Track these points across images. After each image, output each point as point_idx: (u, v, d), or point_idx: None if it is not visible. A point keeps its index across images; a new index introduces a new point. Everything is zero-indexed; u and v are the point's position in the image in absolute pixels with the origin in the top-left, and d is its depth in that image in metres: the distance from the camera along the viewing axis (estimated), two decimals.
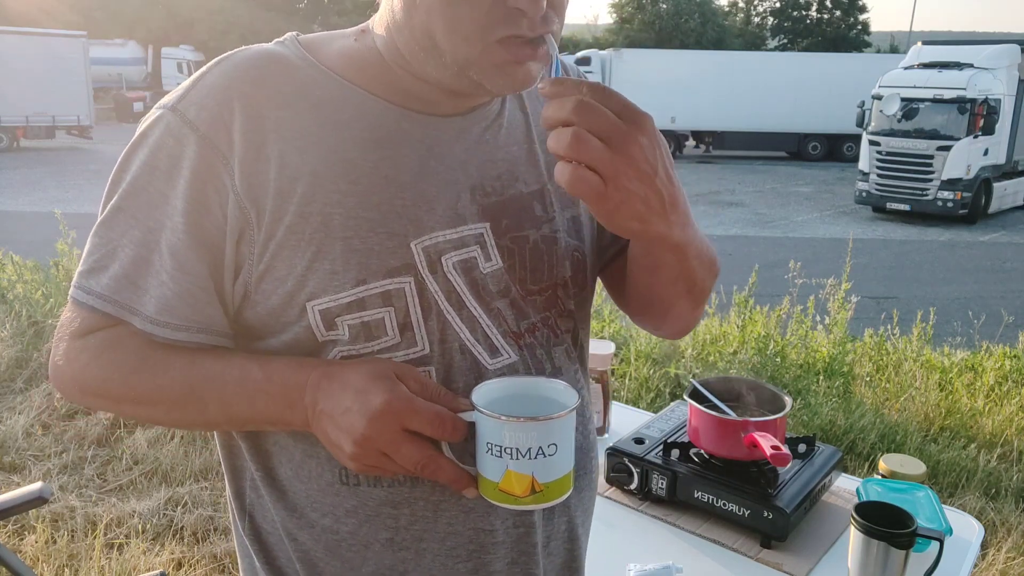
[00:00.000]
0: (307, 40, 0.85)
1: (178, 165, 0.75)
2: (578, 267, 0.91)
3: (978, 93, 12.78)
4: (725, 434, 1.47)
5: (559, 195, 0.89)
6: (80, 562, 2.69)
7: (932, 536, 1.24)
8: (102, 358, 0.78)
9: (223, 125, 0.75)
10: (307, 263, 0.76)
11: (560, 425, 0.71)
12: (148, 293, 0.77)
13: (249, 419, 0.79)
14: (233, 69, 0.78)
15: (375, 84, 0.81)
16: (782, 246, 10.39)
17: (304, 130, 0.77)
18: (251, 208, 0.75)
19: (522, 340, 0.85)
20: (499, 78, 0.75)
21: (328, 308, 0.76)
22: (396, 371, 0.73)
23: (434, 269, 0.80)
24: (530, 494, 0.71)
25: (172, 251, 0.76)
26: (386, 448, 0.71)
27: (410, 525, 0.81)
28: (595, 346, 1.87)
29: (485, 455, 0.72)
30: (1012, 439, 3.72)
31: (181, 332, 0.77)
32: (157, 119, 0.77)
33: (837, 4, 47.74)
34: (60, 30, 22.25)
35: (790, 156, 22.87)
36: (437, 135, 0.82)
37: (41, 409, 3.77)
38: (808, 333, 4.62)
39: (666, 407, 1.83)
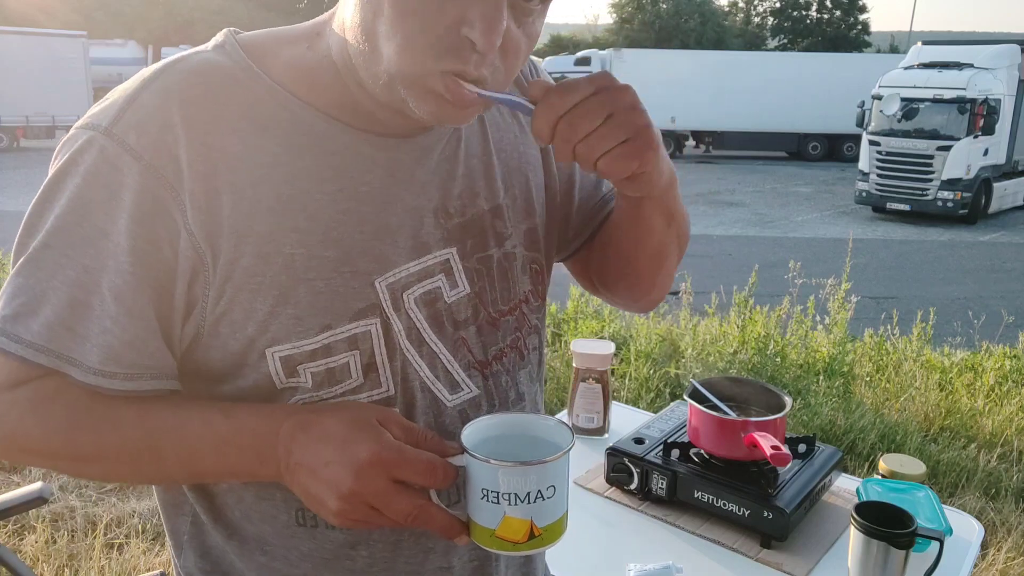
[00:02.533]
0: (251, 44, 0.75)
1: (117, 197, 0.67)
2: (537, 279, 0.88)
3: (978, 93, 12.79)
4: (725, 434, 1.47)
5: (516, 207, 0.85)
6: (80, 562, 2.69)
7: (932, 536, 1.24)
8: (38, 413, 0.70)
9: (168, 153, 0.67)
10: (269, 308, 0.70)
11: (557, 467, 0.68)
12: (89, 341, 0.68)
13: (214, 473, 0.74)
14: (174, 85, 0.70)
15: (329, 103, 0.74)
16: (782, 246, 10.40)
17: (255, 159, 0.70)
18: (206, 248, 0.68)
19: (488, 369, 0.82)
20: (427, 106, 0.68)
21: (291, 355, 0.71)
22: (378, 417, 0.69)
23: (398, 307, 0.75)
24: (528, 539, 0.68)
25: (116, 294, 0.68)
26: (375, 502, 0.66)
27: (368, 567, 0.78)
28: (595, 346, 1.87)
29: (480, 501, 0.68)
30: (1012, 439, 3.72)
31: (131, 382, 0.70)
32: (88, 143, 0.68)
33: (837, 4, 47.76)
34: (60, 30, 22.27)
35: (790, 156, 22.87)
36: (398, 158, 0.76)
37: None
38: (808, 333, 4.62)
39: (666, 407, 1.83)
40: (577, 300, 5.15)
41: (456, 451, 0.69)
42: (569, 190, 0.94)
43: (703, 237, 11.10)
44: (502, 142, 0.86)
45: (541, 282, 0.89)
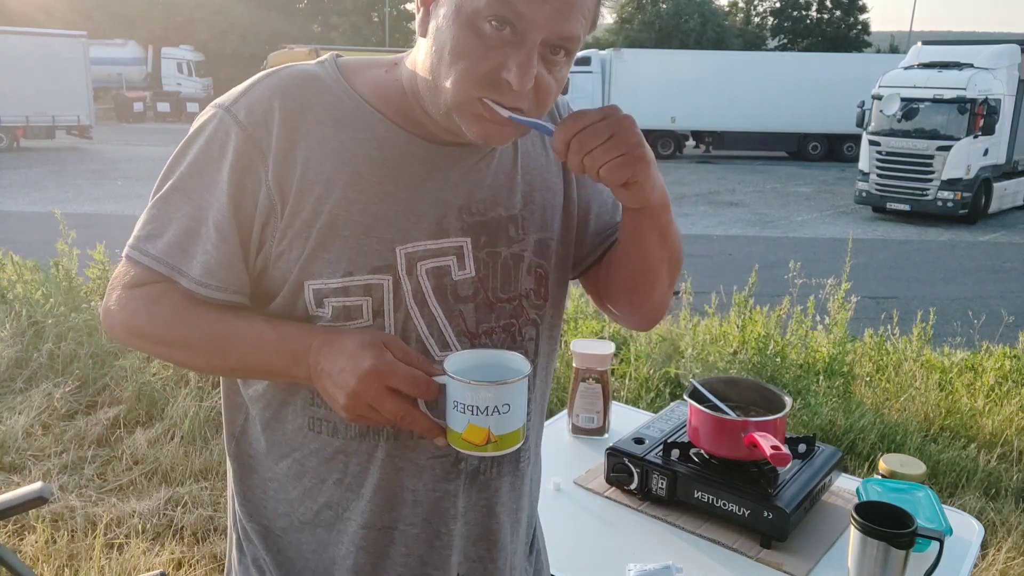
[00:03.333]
0: (344, 64, 1.00)
1: (225, 155, 0.91)
2: (540, 281, 1.05)
3: (978, 93, 12.78)
4: (725, 434, 1.48)
5: (532, 220, 1.04)
6: (80, 562, 2.69)
7: (932, 536, 1.24)
8: (149, 307, 0.94)
9: (265, 128, 0.91)
10: (311, 251, 0.92)
11: (512, 389, 0.86)
12: (195, 259, 0.92)
13: (260, 370, 0.95)
14: (279, 82, 0.94)
15: (392, 111, 0.96)
16: (782, 246, 10.40)
17: (327, 142, 0.92)
18: (278, 198, 0.91)
19: (476, 340, 0.99)
20: (475, 127, 0.89)
21: (320, 289, 0.92)
22: (384, 340, 0.88)
23: (410, 272, 0.95)
24: (487, 443, 0.86)
25: (217, 225, 0.91)
26: (373, 402, 0.85)
27: (355, 472, 0.99)
28: (595, 346, 1.87)
29: (452, 410, 0.87)
30: (1012, 439, 3.72)
31: (219, 292, 0.93)
32: (212, 116, 0.93)
33: (837, 4, 47.73)
34: (60, 30, 22.24)
35: (790, 156, 22.87)
36: (437, 160, 0.97)
37: (41, 409, 3.77)
38: (808, 333, 4.62)
39: (666, 407, 1.83)
40: (577, 300, 5.15)
41: (440, 373, 0.88)
42: (587, 216, 1.13)
43: (703, 237, 11.09)
44: (529, 167, 1.05)
45: (545, 285, 1.06)
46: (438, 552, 1.03)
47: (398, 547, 1.01)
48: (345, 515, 1.00)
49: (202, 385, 3.90)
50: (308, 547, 1.02)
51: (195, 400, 3.78)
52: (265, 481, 1.04)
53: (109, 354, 4.19)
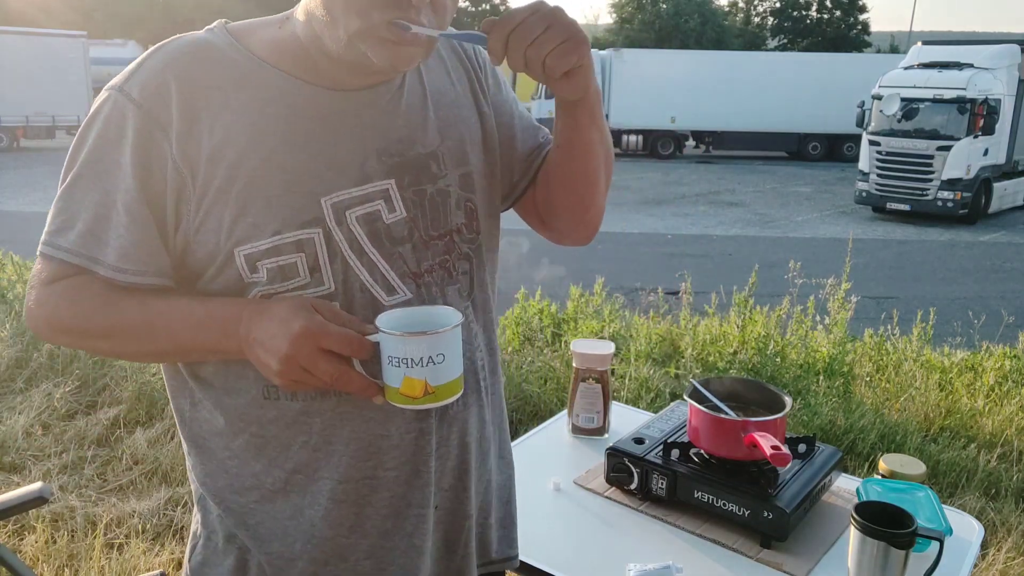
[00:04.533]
0: (235, 27, 0.99)
1: (124, 135, 0.90)
2: (471, 215, 1.06)
3: (978, 93, 12.78)
4: (725, 434, 1.48)
5: (451, 155, 1.04)
6: (80, 562, 2.69)
7: (932, 536, 1.24)
8: (71, 300, 0.93)
9: (162, 101, 0.90)
10: (234, 217, 0.91)
11: (445, 338, 0.87)
12: (109, 245, 0.91)
13: (192, 348, 0.95)
14: (171, 54, 0.93)
15: (293, 66, 0.95)
16: (782, 246, 10.40)
17: (230, 107, 0.92)
18: (187, 172, 0.90)
19: (420, 280, 1.00)
20: (382, 52, 0.88)
21: (250, 253, 0.92)
22: (314, 304, 0.88)
23: (340, 221, 0.95)
24: (424, 395, 0.87)
25: (126, 207, 0.90)
26: (306, 364, 0.85)
27: (321, 431, 0.98)
28: (595, 346, 1.87)
29: (387, 366, 0.87)
30: (1012, 439, 3.71)
31: (138, 276, 0.93)
32: (106, 99, 0.92)
33: (837, 4, 47.69)
34: (60, 30, 22.24)
35: (790, 156, 22.87)
36: (346, 107, 0.97)
37: (41, 409, 3.77)
38: (808, 333, 4.62)
39: (666, 407, 1.83)
40: (577, 300, 5.15)
41: (373, 331, 0.88)
42: (511, 142, 1.14)
43: (703, 237, 11.10)
44: (440, 103, 1.05)
45: (475, 218, 1.07)
46: (419, 490, 1.03)
47: (380, 493, 1.02)
48: (317, 475, 1.00)
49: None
50: (284, 514, 1.02)
51: None
52: (224, 460, 1.02)
53: None
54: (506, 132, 1.14)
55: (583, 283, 5.39)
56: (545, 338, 4.83)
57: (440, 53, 1.09)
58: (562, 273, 5.87)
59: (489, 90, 1.12)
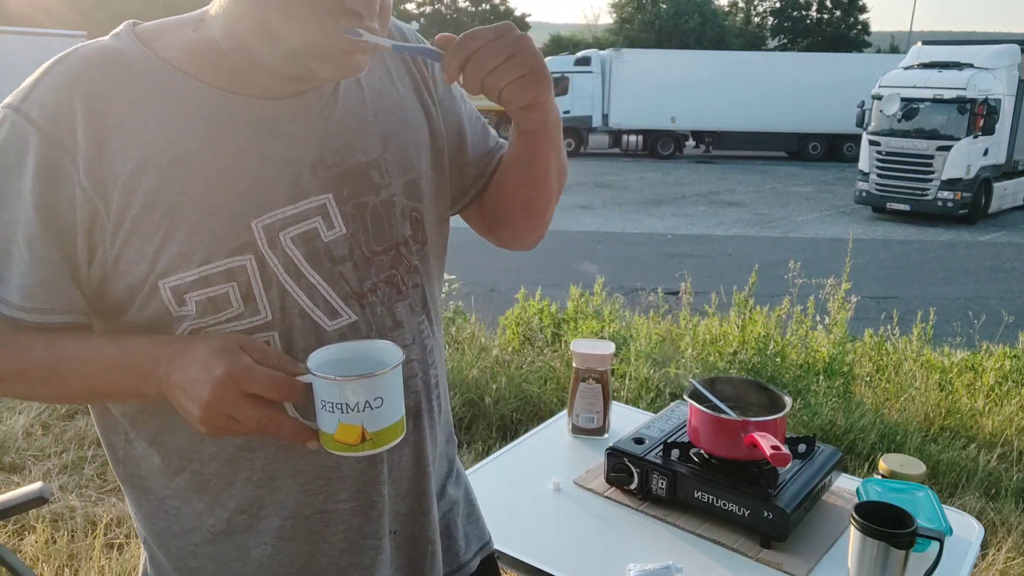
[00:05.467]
0: (144, 31, 0.89)
1: (24, 162, 0.81)
2: (417, 225, 1.00)
3: (978, 93, 12.78)
4: (725, 434, 1.48)
5: (395, 162, 0.97)
6: (80, 562, 2.69)
7: (932, 536, 1.24)
8: None
9: (66, 123, 0.80)
10: (156, 247, 0.83)
11: (383, 381, 0.80)
12: (11, 282, 0.83)
13: (107, 392, 0.88)
14: (72, 67, 0.84)
15: (212, 74, 0.86)
16: (782, 246, 10.39)
17: (145, 124, 0.83)
18: (99, 200, 0.81)
19: (364, 299, 0.93)
20: (331, 66, 0.83)
21: (176, 285, 0.84)
22: (240, 343, 0.81)
23: (273, 244, 0.87)
24: (361, 442, 0.80)
25: (28, 242, 0.82)
26: (230, 411, 0.78)
27: (264, 466, 0.92)
28: (595, 346, 1.87)
29: (321, 411, 0.81)
30: (1012, 439, 3.72)
31: (44, 315, 0.84)
32: (2, 120, 0.83)
33: (837, 4, 47.69)
34: (60, 30, 22.20)
35: (790, 156, 22.86)
36: (275, 117, 0.88)
37: (41, 409, 3.77)
38: (808, 333, 4.62)
39: (666, 407, 1.83)
40: (577, 300, 5.15)
41: (305, 372, 0.81)
42: (461, 147, 1.08)
43: (703, 237, 11.09)
44: (382, 107, 0.98)
45: (421, 228, 1.00)
46: (374, 521, 0.98)
47: (333, 527, 0.96)
48: (262, 513, 0.94)
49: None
50: (229, 556, 0.95)
51: None
52: (163, 500, 0.95)
53: None
54: (455, 134, 1.07)
55: (583, 283, 5.40)
56: (545, 338, 4.83)
57: (379, 54, 0.99)
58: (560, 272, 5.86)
59: (436, 89, 1.05)
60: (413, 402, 0.99)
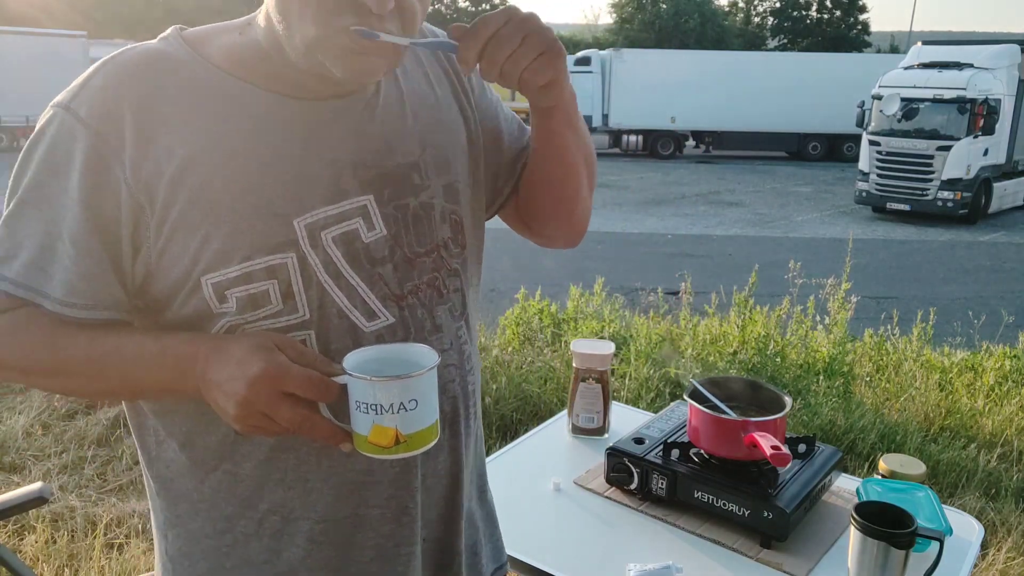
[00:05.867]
0: (191, 35, 0.91)
1: (72, 160, 0.82)
2: (456, 228, 1.00)
3: (978, 93, 12.77)
4: (725, 434, 1.48)
5: (434, 164, 0.97)
6: (80, 562, 2.69)
7: (932, 536, 1.24)
8: (15, 335, 0.86)
9: (113, 122, 0.82)
10: (199, 244, 0.84)
11: (418, 383, 0.80)
12: (55, 278, 0.84)
13: (145, 388, 0.88)
14: (121, 68, 0.85)
15: (256, 75, 0.88)
16: (782, 246, 10.39)
17: (190, 123, 0.84)
18: (144, 197, 0.83)
19: (404, 302, 0.94)
20: (341, 62, 0.82)
21: (219, 282, 0.85)
22: (276, 342, 0.81)
23: (315, 243, 0.88)
24: (395, 444, 0.80)
25: (73, 239, 0.83)
26: (266, 409, 0.78)
27: (297, 468, 0.92)
28: (595, 346, 1.87)
29: (355, 412, 0.80)
30: (1012, 439, 3.72)
31: (87, 311, 0.85)
32: (51, 117, 0.84)
33: (837, 4, 47.70)
34: (60, 30, 22.22)
35: (790, 156, 22.86)
36: (317, 118, 0.90)
37: (41, 409, 3.77)
38: (808, 333, 4.62)
39: (666, 407, 1.83)
40: (577, 300, 5.15)
41: (341, 372, 0.81)
42: (498, 149, 1.08)
43: (703, 237, 11.09)
44: (419, 109, 0.98)
45: (461, 232, 1.01)
46: (407, 527, 0.97)
47: (365, 533, 0.96)
48: (293, 515, 0.93)
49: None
50: (260, 558, 0.95)
51: None
52: (195, 503, 0.95)
53: None
54: (492, 136, 1.07)
55: (583, 283, 5.39)
56: (545, 338, 4.83)
57: (417, 56, 1.01)
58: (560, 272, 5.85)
59: (473, 92, 1.06)
60: (450, 408, 0.98)
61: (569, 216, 1.09)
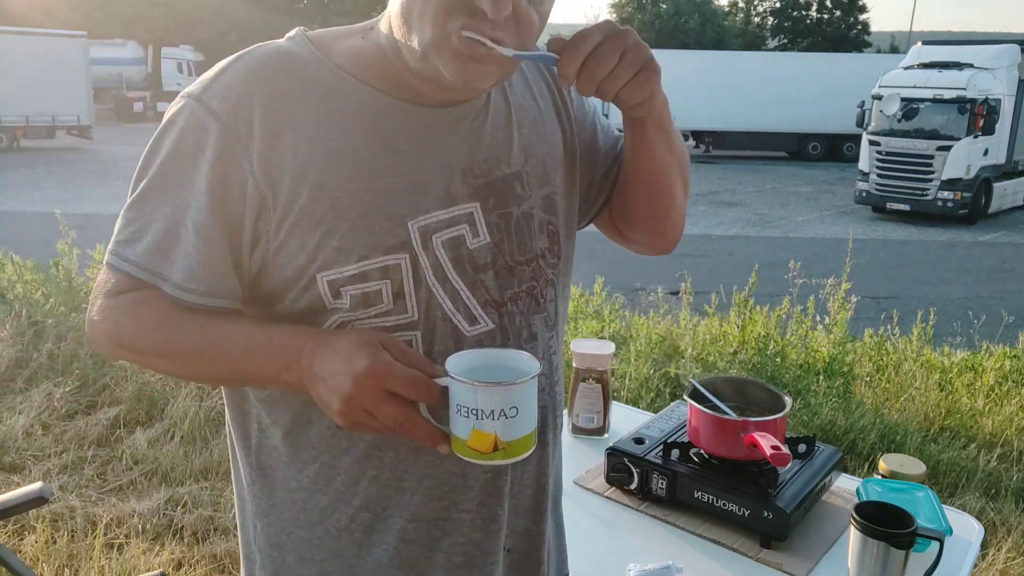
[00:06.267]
0: (316, 36, 0.93)
1: (202, 150, 0.84)
2: (553, 239, 1.02)
3: (978, 93, 12.78)
4: (725, 434, 1.48)
5: (535, 175, 0.99)
6: (80, 562, 2.69)
7: (932, 536, 1.24)
8: (133, 315, 0.89)
9: (243, 116, 0.84)
10: (317, 240, 0.86)
11: (521, 391, 0.80)
12: (176, 263, 0.87)
13: (251, 376, 0.90)
14: (252, 64, 0.88)
15: (377, 79, 0.90)
16: (782, 246, 10.39)
17: (314, 122, 0.87)
18: (268, 191, 0.85)
19: (503, 308, 0.95)
20: (453, 65, 0.83)
21: (335, 279, 0.87)
22: (381, 340, 0.82)
23: (426, 246, 0.90)
24: (494, 451, 0.80)
25: (196, 227, 0.85)
26: (369, 406, 0.80)
27: (393, 466, 0.94)
28: (595, 346, 1.87)
29: (456, 416, 0.81)
30: (1012, 439, 3.72)
31: (204, 297, 0.88)
32: (183, 107, 0.86)
33: (837, 4, 47.69)
34: (60, 30, 22.21)
35: (790, 156, 22.87)
36: (432, 125, 0.92)
37: (41, 409, 3.77)
38: (808, 333, 4.62)
39: (666, 407, 1.83)
40: (577, 300, 5.15)
41: (442, 374, 0.82)
42: (593, 160, 1.10)
43: (703, 237, 11.09)
44: (524, 121, 1.00)
45: (557, 243, 1.03)
46: (493, 535, 0.99)
47: (453, 537, 0.97)
48: (385, 513, 0.95)
49: (202, 385, 3.90)
50: (349, 552, 0.97)
51: (195, 400, 3.78)
52: (292, 491, 0.97)
53: None
54: (587, 148, 1.09)
55: (583, 283, 5.39)
56: None
57: (521, 68, 1.02)
58: None
59: (572, 104, 1.08)
60: (539, 417, 0.97)
61: (663, 223, 1.10)
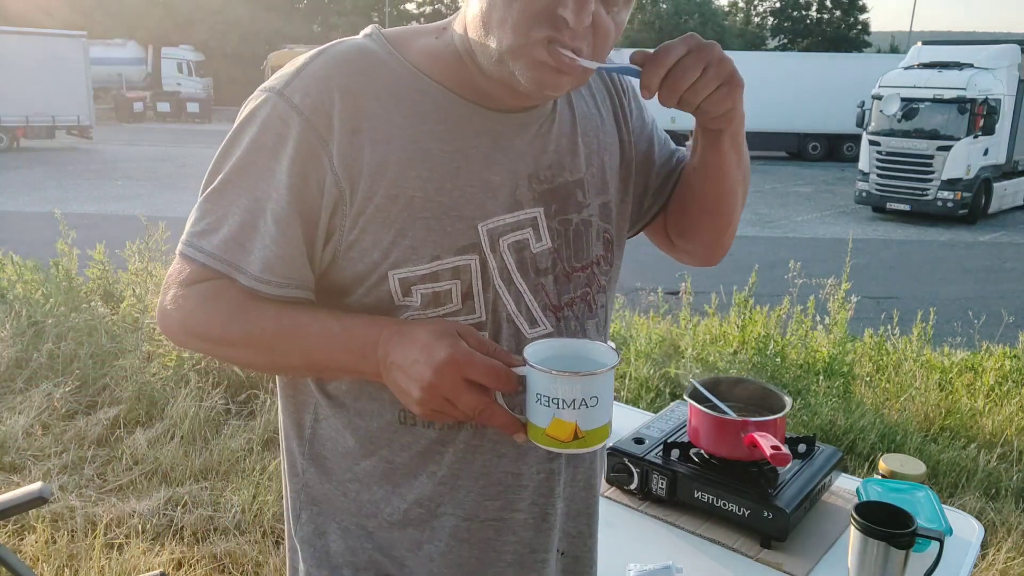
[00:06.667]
0: (392, 35, 0.95)
1: (283, 144, 0.85)
2: (608, 247, 1.03)
3: (978, 93, 12.78)
4: (725, 434, 1.48)
5: (593, 183, 1.01)
6: (80, 562, 2.69)
7: (932, 536, 1.24)
8: (206, 305, 0.90)
9: (324, 111, 0.85)
10: (391, 238, 0.87)
11: (602, 380, 0.81)
12: (253, 254, 0.87)
13: (326, 366, 0.91)
14: (333, 61, 0.89)
15: (451, 80, 0.91)
16: (782, 246, 10.39)
17: (391, 120, 0.88)
18: (346, 186, 0.86)
19: (560, 313, 0.97)
20: (532, 73, 0.83)
21: (406, 277, 0.88)
22: (459, 330, 0.84)
23: (494, 248, 0.92)
24: (573, 439, 0.81)
25: (276, 219, 0.86)
26: (449, 395, 0.81)
27: (451, 463, 0.94)
28: None
29: (535, 404, 0.81)
30: (1012, 439, 3.72)
31: (280, 288, 0.89)
32: (264, 101, 0.87)
33: (837, 4, 47.72)
34: (60, 30, 22.21)
35: (790, 156, 22.86)
36: (502, 129, 0.93)
37: (41, 409, 3.77)
38: (808, 333, 4.62)
39: (666, 407, 1.83)
40: None
41: (520, 363, 0.83)
42: (648, 171, 1.11)
43: None
44: (587, 128, 1.02)
45: (611, 251, 1.04)
46: (545, 534, 1.00)
47: (506, 537, 0.97)
48: (439, 510, 0.96)
49: (202, 385, 3.90)
50: (403, 545, 0.97)
51: (195, 400, 3.78)
52: (345, 483, 0.98)
53: (109, 354, 4.19)
54: (643, 158, 1.10)
55: None
56: None
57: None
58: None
59: (632, 115, 1.09)
60: None
61: (720, 235, 1.10)
